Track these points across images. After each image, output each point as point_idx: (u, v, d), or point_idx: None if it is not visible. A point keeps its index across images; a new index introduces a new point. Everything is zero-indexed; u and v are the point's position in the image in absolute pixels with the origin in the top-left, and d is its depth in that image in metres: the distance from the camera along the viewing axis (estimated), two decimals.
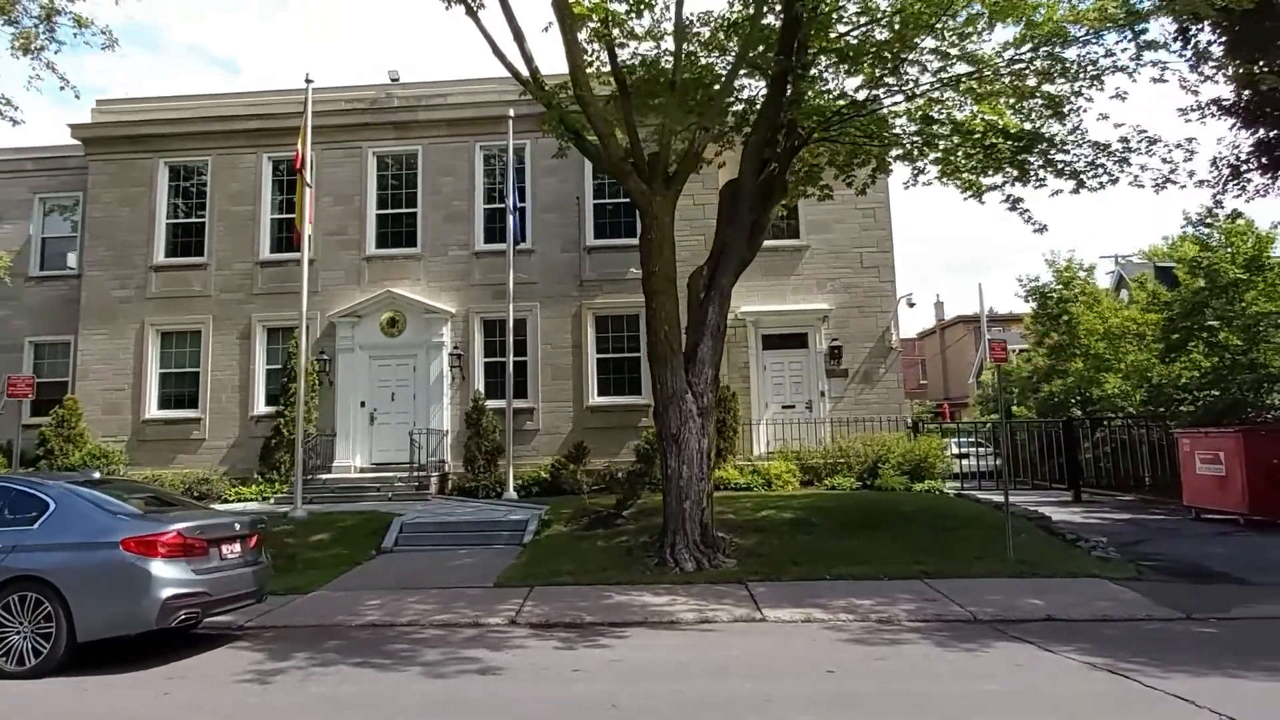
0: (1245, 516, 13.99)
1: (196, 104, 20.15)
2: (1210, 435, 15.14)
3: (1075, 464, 19.90)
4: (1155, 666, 6.28)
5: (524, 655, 7.21)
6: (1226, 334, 18.22)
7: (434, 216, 19.54)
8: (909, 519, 12.68)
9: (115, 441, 18.78)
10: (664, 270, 10.93)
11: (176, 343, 19.53)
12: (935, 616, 8.34)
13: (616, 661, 6.97)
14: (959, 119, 11.15)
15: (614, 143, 10.98)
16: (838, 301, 19.84)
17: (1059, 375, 24.17)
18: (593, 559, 11.27)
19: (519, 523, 13.44)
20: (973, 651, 6.98)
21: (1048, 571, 9.98)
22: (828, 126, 11.40)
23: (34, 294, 20.46)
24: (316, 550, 12.59)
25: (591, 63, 11.49)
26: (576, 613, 8.87)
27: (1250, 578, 10.03)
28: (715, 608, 8.89)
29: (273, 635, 8.35)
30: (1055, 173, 12.12)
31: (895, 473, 17.00)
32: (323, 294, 19.33)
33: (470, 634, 8.14)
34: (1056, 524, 12.87)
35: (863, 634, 7.73)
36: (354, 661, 7.07)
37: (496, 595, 9.74)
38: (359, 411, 18.91)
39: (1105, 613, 8.32)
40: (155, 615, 6.86)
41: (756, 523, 12.60)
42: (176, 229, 19.86)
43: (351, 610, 9.24)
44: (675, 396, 10.84)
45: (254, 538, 8.07)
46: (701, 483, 10.87)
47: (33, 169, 20.61)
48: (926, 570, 10.14)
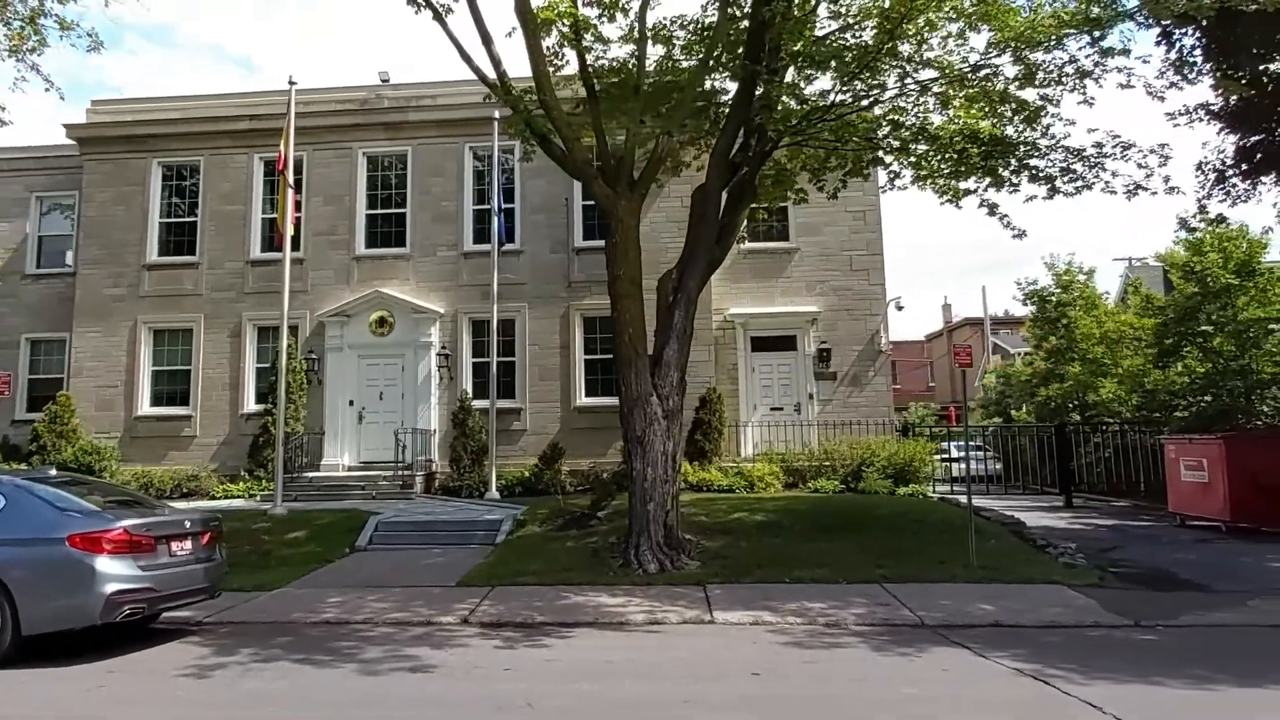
0: (1227, 524, 13.91)
1: (189, 104, 20.37)
2: (1194, 442, 15.04)
3: (1066, 470, 19.80)
4: (1081, 673, 6.27)
5: (463, 654, 7.27)
6: (1220, 339, 18.10)
7: (423, 217, 19.67)
8: (881, 523, 12.66)
9: (108, 438, 18.99)
10: (629, 273, 10.97)
11: (169, 341, 19.75)
12: (883, 621, 8.34)
13: (551, 661, 7.03)
14: (928, 123, 11.12)
15: (578, 147, 11.05)
16: (827, 304, 19.83)
17: (1056, 379, 24.04)
18: (559, 559, 11.33)
19: (494, 523, 13.52)
20: (907, 656, 6.98)
21: (1008, 577, 9.96)
22: (797, 131, 11.40)
23: (31, 291, 20.74)
24: (291, 548, 12.70)
25: (561, 66, 11.55)
26: (529, 612, 8.93)
27: (1214, 585, 9.97)
28: (667, 609, 8.92)
29: (227, 631, 8.45)
30: (1030, 178, 12.09)
31: (879, 476, 16.97)
32: (312, 293, 19.51)
33: (419, 632, 8.21)
34: (1030, 530, 12.82)
35: (805, 637, 7.74)
36: (296, 658, 7.15)
37: (456, 594, 9.81)
38: (347, 410, 19.06)
39: (1054, 619, 8.30)
40: (100, 610, 6.98)
41: (727, 525, 12.61)
42: (169, 228, 20.09)
43: (311, 608, 9.33)
44: (640, 399, 10.87)
45: (207, 535, 8.17)
46: (666, 485, 10.90)
47: (30, 168, 20.89)
48: (887, 574, 10.14)
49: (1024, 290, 25.61)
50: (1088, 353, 22.78)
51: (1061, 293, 24.96)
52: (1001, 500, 20.23)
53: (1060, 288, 25.03)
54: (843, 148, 12.17)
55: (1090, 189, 12.26)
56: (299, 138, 19.65)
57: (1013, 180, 12.14)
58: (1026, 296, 25.57)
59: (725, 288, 20.08)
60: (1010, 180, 12.13)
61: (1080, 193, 12.34)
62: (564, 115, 10.98)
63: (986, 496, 21.15)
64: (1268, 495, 13.58)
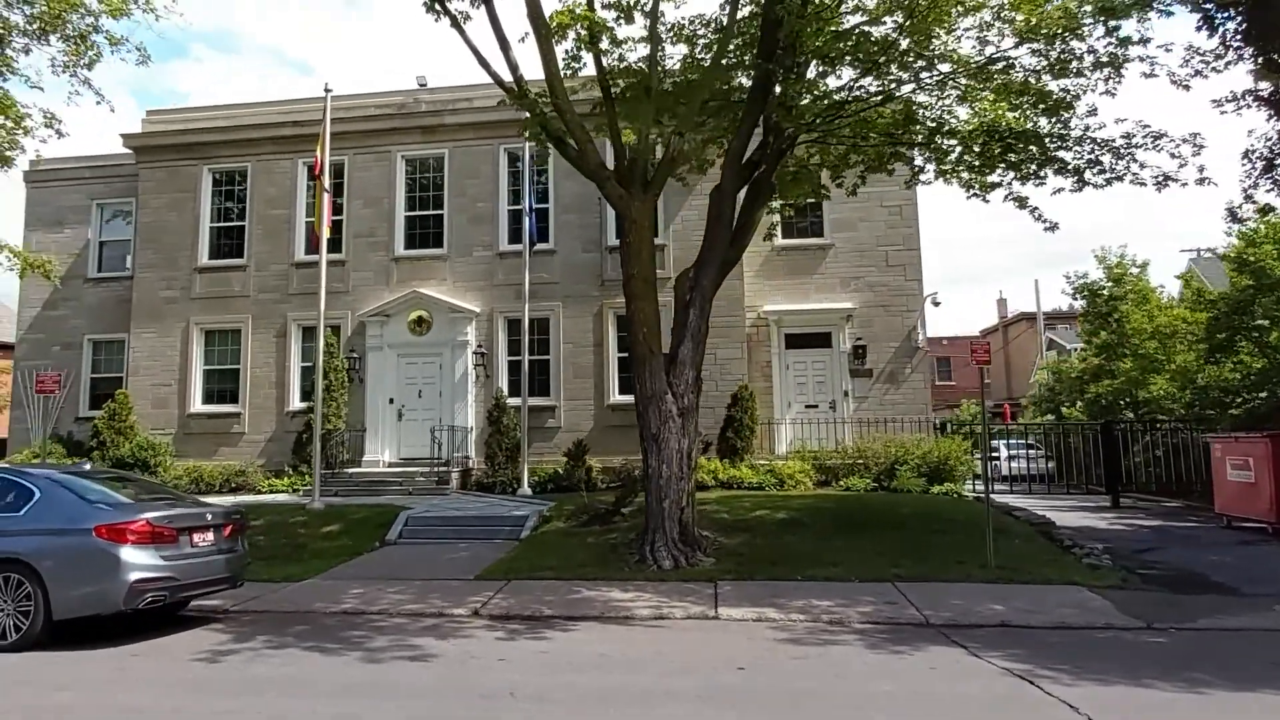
0: (1274, 525, 13.46)
1: (237, 112, 21.07)
2: (1240, 440, 14.58)
3: (1114, 469, 19.37)
4: (1072, 674, 6.19)
5: (464, 645, 7.48)
6: (1276, 334, 17.48)
7: (459, 218, 20.04)
8: (904, 522, 12.56)
9: (163, 434, 19.80)
10: (642, 273, 11.08)
11: (219, 341, 20.48)
12: (888, 619, 8.32)
13: (546, 653, 7.20)
14: (947, 118, 10.97)
15: (590, 149, 11.19)
16: (862, 300, 19.65)
17: (1107, 376, 23.44)
18: (578, 555, 11.50)
19: (520, 518, 13.77)
20: (899, 654, 6.96)
21: (1026, 578, 9.81)
22: (813, 128, 11.36)
23: (92, 294, 21.68)
24: (325, 541, 13.12)
25: (579, 69, 11.69)
26: (539, 606, 9.11)
27: (1244, 589, 9.69)
28: (674, 605, 9.02)
29: (250, 619, 8.81)
30: (1057, 170, 11.87)
31: (913, 475, 16.78)
32: (353, 294, 20.04)
33: (429, 623, 8.45)
34: (1059, 530, 12.60)
35: (804, 634, 7.77)
36: (307, 645, 7.45)
37: (473, 588, 10.05)
38: (387, 408, 19.53)
39: (1064, 620, 8.17)
40: (123, 596, 7.37)
41: (748, 523, 12.65)
42: (219, 232, 20.82)
43: (332, 598, 9.66)
44: (655, 397, 10.98)
45: (229, 527, 8.54)
46: (681, 482, 10.99)
47: (90, 176, 21.84)
48: (901, 574, 10.07)
49: (1073, 284, 25.00)
50: (1139, 348, 22.17)
51: (1113, 286, 24.31)
52: (1046, 500, 19.84)
53: (1112, 281, 24.38)
54: (863, 144, 12.08)
55: (1121, 180, 12.03)
56: (341, 142, 20.27)
57: (1038, 173, 11.94)
58: (1076, 290, 24.96)
59: (759, 285, 20.06)
60: (1036, 173, 11.94)
61: (1110, 184, 12.09)
62: (576, 118, 11.14)
63: (1029, 496, 20.78)
64: None
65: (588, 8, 11.22)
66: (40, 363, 21.37)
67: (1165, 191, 11.29)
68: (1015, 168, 11.09)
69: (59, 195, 21.93)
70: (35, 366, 21.23)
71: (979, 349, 11.30)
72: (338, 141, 20.25)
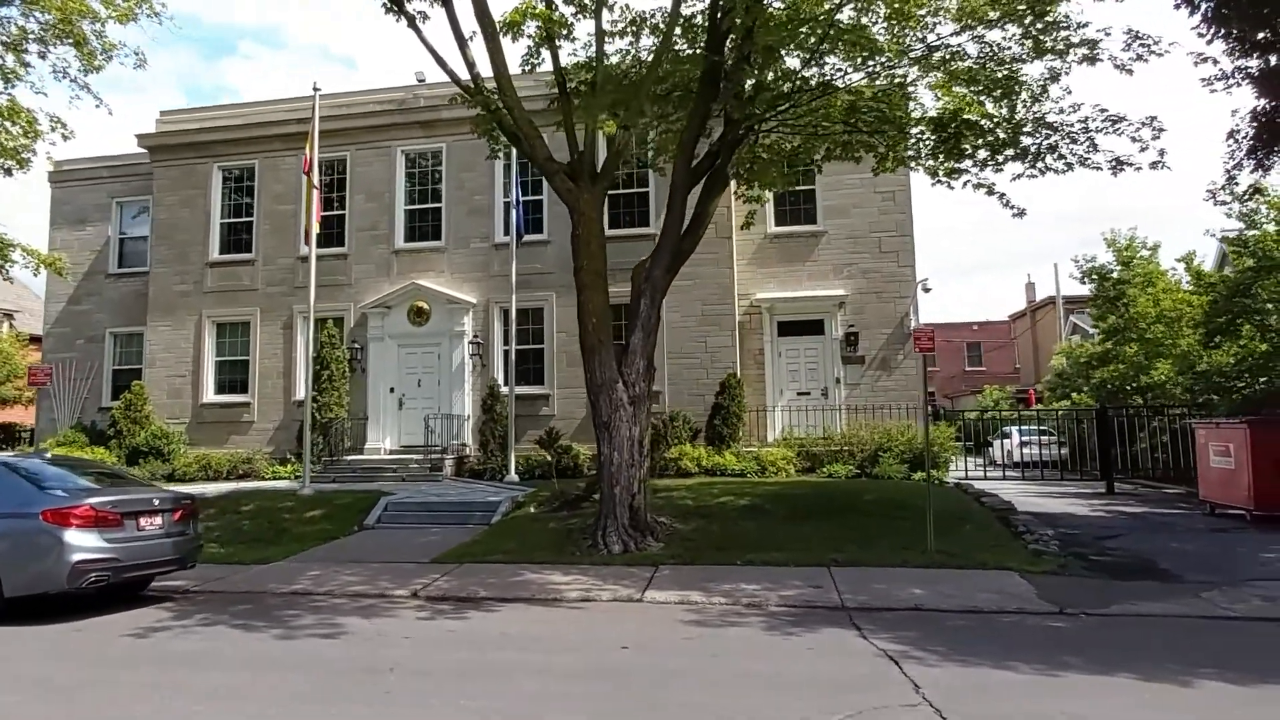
0: (1251, 512, 13.27)
1: (246, 111, 21.76)
2: (1221, 427, 14.36)
3: (1108, 455, 19.17)
4: (942, 656, 6.33)
5: (384, 623, 7.86)
6: (1277, 317, 17.09)
7: (457, 211, 20.47)
8: (865, 508, 12.67)
9: (177, 423, 20.64)
10: (592, 265, 11.33)
11: (229, 333, 21.24)
12: (805, 603, 8.48)
13: (452, 632, 7.54)
14: (890, 107, 10.98)
15: (540, 144, 11.46)
16: (855, 287, 19.64)
17: (1114, 360, 23.07)
18: (536, 539, 11.84)
19: (494, 504, 14.16)
20: (791, 635, 7.16)
21: (962, 563, 9.88)
22: (764, 119, 11.46)
23: (114, 289, 22.63)
24: (307, 525, 13.66)
25: (538, 65, 11.95)
26: (477, 588, 9.46)
27: (1187, 576, 9.64)
28: (606, 588, 9.29)
29: (203, 599, 9.31)
30: (1016, 156, 11.84)
31: (896, 462, 16.83)
32: (355, 286, 20.62)
33: (366, 604, 8.85)
34: (1016, 516, 12.56)
35: (713, 617, 7.98)
36: (236, 624, 7.89)
37: (424, 570, 10.43)
38: (388, 397, 20.09)
39: (976, 605, 8.25)
40: (66, 576, 7.89)
41: (709, 509, 12.86)
42: (229, 228, 21.56)
43: (289, 580, 10.13)
44: (606, 386, 11.24)
45: (178, 512, 9.03)
46: (633, 469, 11.24)
47: (109, 176, 22.76)
48: (840, 559, 10.20)
49: (1082, 268, 24.58)
50: (1146, 332, 21.76)
51: (1122, 269, 23.84)
52: (1042, 486, 19.69)
53: (1121, 264, 23.91)
54: (822, 133, 12.15)
55: (1084, 165, 11.96)
56: (343, 138, 20.86)
57: (995, 159, 11.92)
58: (1084, 274, 24.53)
59: (752, 272, 20.17)
60: (993, 159, 11.92)
61: (1071, 169, 12.03)
62: (525, 114, 11.41)
63: (1029, 482, 20.66)
64: None
65: (546, 6, 11.50)
66: (66, 355, 22.44)
67: (1118, 175, 11.18)
68: (967, 155, 11.06)
69: (81, 194, 22.89)
70: (62, 359, 22.32)
71: (922, 336, 11.32)
72: (340, 138, 20.89)
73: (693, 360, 19.33)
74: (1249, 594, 8.55)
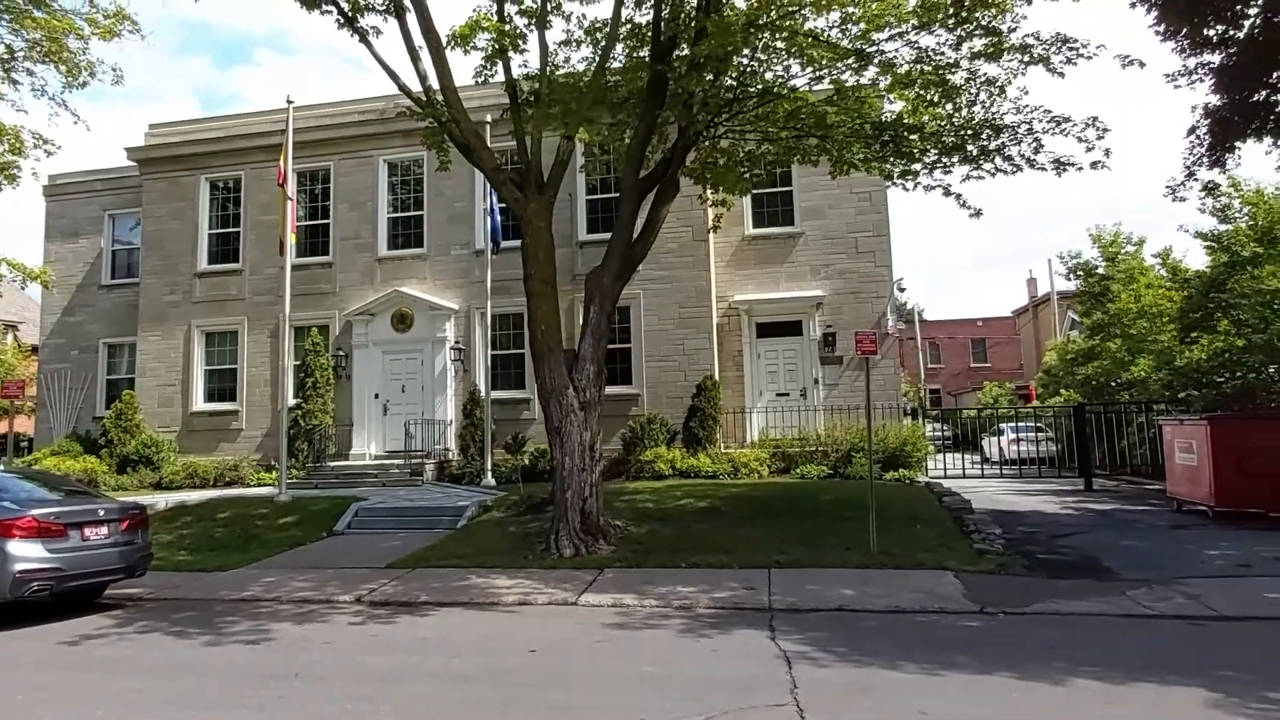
0: (1212, 509, 13.26)
1: (231, 123, 22.12)
2: (1185, 424, 14.34)
3: (1085, 452, 19.13)
4: (839, 657, 6.45)
5: (313, 629, 8.06)
6: (1249, 313, 17.03)
7: (438, 218, 20.72)
8: (821, 509, 12.78)
9: (168, 431, 21.03)
10: (539, 273, 11.50)
11: (218, 342, 21.60)
12: (734, 605, 8.61)
13: (375, 636, 7.74)
14: (825, 110, 11.07)
15: (486, 155, 11.68)
16: (832, 288, 19.72)
17: (1099, 356, 23.02)
18: (493, 544, 12.03)
19: (461, 509, 14.37)
20: (704, 637, 7.29)
21: (901, 563, 9.97)
22: (709, 127, 11.60)
23: (107, 300, 23.06)
24: (277, 532, 13.91)
25: (490, 76, 12.15)
26: (419, 592, 9.66)
27: (1125, 573, 9.69)
28: (546, 591, 9.46)
29: (152, 606, 9.55)
30: (963, 159, 11.91)
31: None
32: (340, 294, 20.93)
33: (307, 609, 9.07)
34: (971, 516, 12.62)
35: (637, 620, 8.12)
36: (172, 631, 8.12)
37: (375, 576, 10.63)
38: (373, 403, 20.37)
39: (901, 605, 8.35)
40: (8, 586, 8.15)
41: (667, 512, 13.00)
42: (216, 239, 21.93)
43: (241, 586, 10.37)
44: (556, 391, 11.41)
45: (126, 522, 9.29)
46: (583, 473, 11.40)
47: (102, 189, 23.21)
48: (783, 560, 10.31)
49: (1067, 264, 24.52)
50: (1130, 328, 21.70)
51: (1108, 265, 23.78)
52: (1024, 484, 19.67)
53: (1107, 259, 23.85)
54: (770, 138, 12.26)
55: (1032, 166, 12.03)
56: (326, 149, 21.19)
57: (942, 162, 12.00)
58: (1070, 270, 24.48)
59: (730, 275, 20.30)
60: (939, 162, 12.00)
61: (1020, 170, 12.09)
62: (471, 125, 11.63)
63: (1011, 480, 20.69)
64: (1252, 479, 12.88)
65: (499, 19, 11.71)
66: (61, 366, 22.91)
67: (1062, 175, 11.24)
68: (915, 158, 11.15)
69: (75, 207, 23.36)
70: (57, 370, 22.80)
71: (863, 339, 11.42)
72: (324, 148, 21.23)
73: (670, 363, 19.47)
74: (1176, 591, 8.60)
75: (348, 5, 11.51)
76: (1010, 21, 10.05)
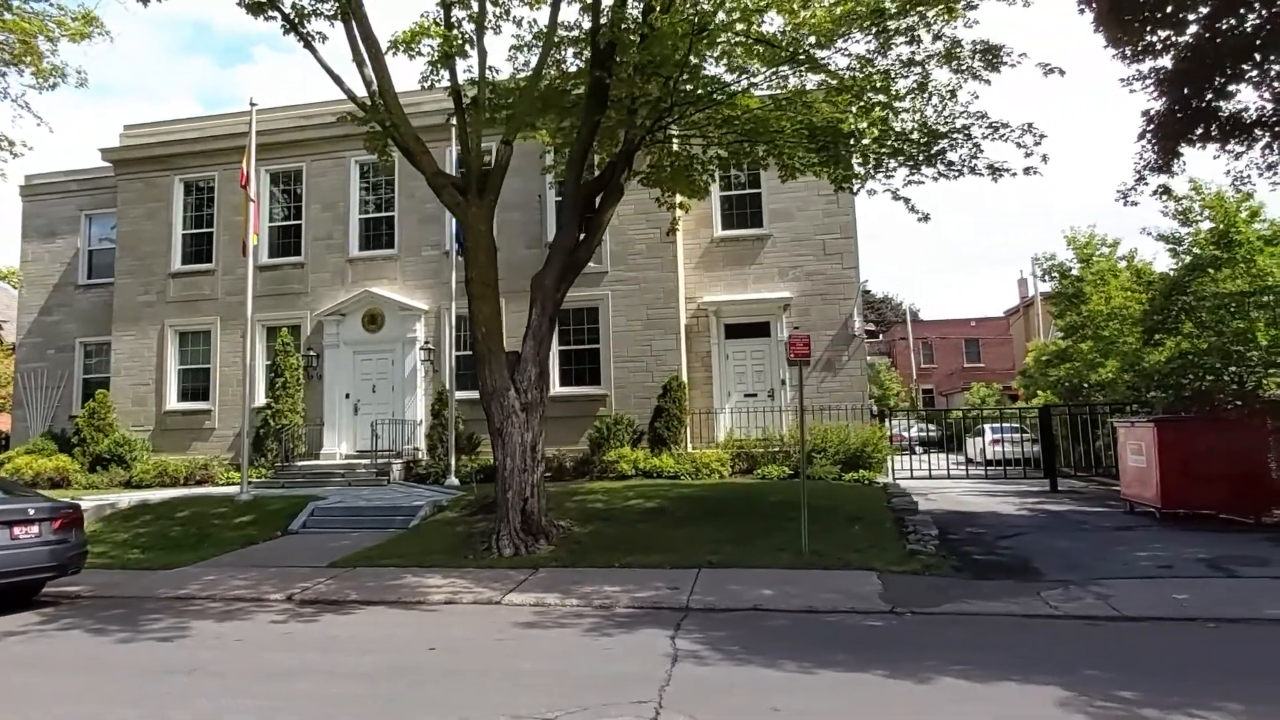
0: (1160, 510, 13.35)
1: (205, 124, 22.27)
2: (1135, 426, 14.43)
3: (1050, 454, 19.19)
4: (726, 656, 6.54)
5: (232, 627, 8.18)
6: (1209, 315, 17.06)
7: (409, 219, 20.85)
8: (765, 510, 12.87)
9: (142, 430, 21.20)
10: (480, 275, 11.61)
11: (191, 342, 21.77)
12: (653, 604, 8.70)
13: (288, 634, 7.85)
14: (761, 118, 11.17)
15: (427, 159, 11.81)
16: (800, 289, 19.81)
17: (1071, 358, 23.08)
18: (439, 543, 12.15)
19: (416, 508, 14.48)
20: (605, 637, 7.38)
21: (830, 564, 10.06)
22: (649, 132, 11.70)
23: (83, 300, 23.24)
24: (232, 531, 14.04)
25: (437, 82, 12.28)
26: (350, 591, 9.77)
27: (1049, 574, 9.77)
28: (474, 590, 9.57)
29: (87, 604, 9.68)
30: (901, 164, 12.01)
31: (829, 463, 16.98)
32: (312, 294, 21.07)
33: (235, 608, 9.19)
34: (912, 517, 12.68)
35: (551, 619, 8.22)
36: (94, 628, 8.24)
37: (312, 575, 10.73)
38: (344, 403, 20.51)
39: (814, 605, 8.43)
40: None
41: (614, 512, 13.11)
42: (190, 239, 22.10)
43: (180, 585, 10.49)
44: (497, 393, 11.52)
45: (59, 521, 9.42)
46: (525, 474, 11.51)
47: (78, 190, 23.38)
48: (714, 560, 10.41)
49: (1042, 265, 24.56)
50: (1102, 329, 21.74)
51: (1083, 266, 23.82)
52: (994, 484, 19.72)
53: (1081, 261, 23.88)
54: (715, 143, 12.37)
55: (973, 172, 12.12)
56: (299, 149, 21.34)
57: (882, 166, 12.09)
58: (1045, 272, 24.52)
59: (699, 276, 20.41)
60: (878, 165, 12.09)
61: (962, 175, 12.18)
62: (411, 130, 11.78)
63: (974, 480, 20.74)
64: (1198, 481, 12.97)
65: (445, 26, 11.85)
66: (38, 365, 23.08)
67: (999, 180, 11.33)
68: (838, 162, 11.26)
69: (51, 208, 23.53)
70: (33, 369, 22.97)
71: (796, 342, 11.51)
72: (297, 149, 21.38)
73: (638, 364, 19.57)
74: (1089, 592, 8.67)
75: (292, 12, 11.63)
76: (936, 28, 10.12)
